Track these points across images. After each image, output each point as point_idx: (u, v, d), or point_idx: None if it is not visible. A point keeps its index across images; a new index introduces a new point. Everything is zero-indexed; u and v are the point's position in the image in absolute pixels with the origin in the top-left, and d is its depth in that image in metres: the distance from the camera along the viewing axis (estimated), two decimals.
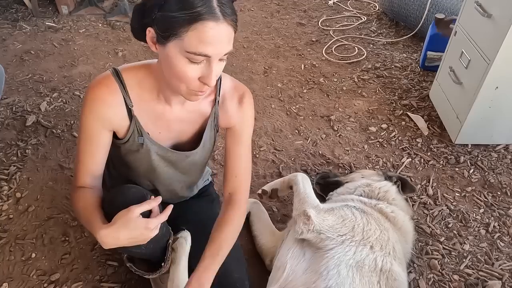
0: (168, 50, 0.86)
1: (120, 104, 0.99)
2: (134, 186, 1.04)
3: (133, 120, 1.02)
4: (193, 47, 0.82)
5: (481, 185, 1.78)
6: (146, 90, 1.01)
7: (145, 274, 1.12)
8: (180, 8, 0.80)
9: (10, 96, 2.26)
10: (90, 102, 0.97)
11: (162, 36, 0.85)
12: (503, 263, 1.47)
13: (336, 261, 1.12)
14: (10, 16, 3.17)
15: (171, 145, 1.13)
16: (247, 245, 1.51)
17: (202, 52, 0.83)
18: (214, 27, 0.81)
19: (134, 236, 0.90)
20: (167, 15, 0.82)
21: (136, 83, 1.00)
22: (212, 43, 0.83)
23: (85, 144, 1.02)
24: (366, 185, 1.49)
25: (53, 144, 1.94)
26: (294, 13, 3.38)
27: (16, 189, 1.70)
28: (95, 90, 0.97)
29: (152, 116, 1.04)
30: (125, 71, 1.00)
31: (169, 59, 0.86)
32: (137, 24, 0.90)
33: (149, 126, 1.05)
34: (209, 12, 0.80)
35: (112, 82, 0.97)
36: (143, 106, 1.02)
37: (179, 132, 1.11)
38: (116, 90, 0.98)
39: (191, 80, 0.88)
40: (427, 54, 2.50)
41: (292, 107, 2.26)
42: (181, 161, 1.14)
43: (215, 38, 0.83)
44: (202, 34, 0.81)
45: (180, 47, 0.84)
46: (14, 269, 1.41)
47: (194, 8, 0.79)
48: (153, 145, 1.07)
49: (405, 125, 2.13)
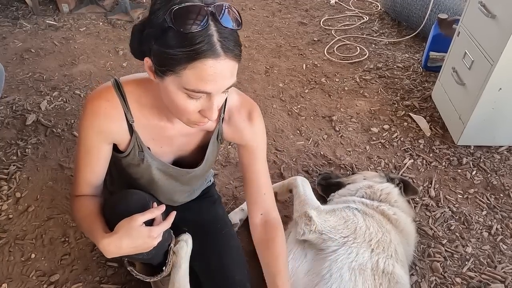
0: (166, 84, 0.81)
1: (121, 119, 0.95)
2: (136, 192, 1.03)
3: (133, 135, 0.99)
4: (192, 85, 0.77)
5: (484, 187, 1.77)
6: (146, 107, 0.97)
7: (146, 278, 1.11)
8: (178, 44, 0.74)
9: (10, 95, 2.25)
10: (90, 116, 0.93)
11: (159, 70, 0.80)
12: (506, 266, 1.46)
13: (339, 264, 1.12)
14: (10, 14, 3.16)
15: (172, 158, 1.11)
16: (248, 246, 1.49)
17: (201, 90, 0.78)
18: (214, 65, 0.75)
19: (137, 244, 0.89)
20: (164, 50, 0.76)
21: (137, 98, 0.96)
22: (213, 80, 0.77)
23: (84, 157, 0.99)
24: (368, 186, 1.49)
25: (53, 144, 1.93)
26: (296, 12, 3.37)
27: (15, 188, 1.69)
28: (96, 104, 0.93)
29: (153, 131, 1.01)
30: (127, 84, 0.95)
31: (168, 92, 0.82)
32: (136, 47, 0.85)
33: (150, 141, 1.03)
34: (208, 49, 0.74)
35: (114, 96, 0.93)
36: (144, 122, 0.99)
37: (181, 146, 1.09)
38: (118, 105, 0.94)
39: (191, 114, 0.84)
40: (430, 55, 2.49)
41: (294, 107, 2.25)
42: (183, 176, 1.13)
43: (216, 76, 0.77)
44: (201, 72, 0.75)
45: (178, 84, 0.79)
46: (14, 270, 1.40)
47: (192, 45, 0.73)
48: (154, 160, 1.05)
49: (407, 126, 2.12)
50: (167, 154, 1.09)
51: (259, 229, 1.14)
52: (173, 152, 1.10)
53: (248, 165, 1.12)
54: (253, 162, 1.11)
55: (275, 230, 1.13)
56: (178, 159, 1.13)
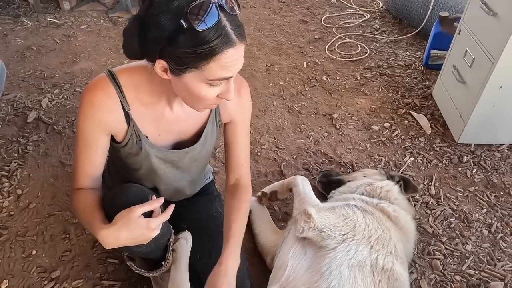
0: (185, 80, 0.84)
1: (118, 108, 0.96)
2: (135, 185, 1.03)
3: (130, 124, 1.00)
4: (216, 75, 0.82)
5: (484, 185, 1.77)
6: (145, 94, 0.98)
7: (145, 273, 1.12)
8: (198, 43, 0.77)
9: (12, 92, 2.26)
10: (86, 107, 0.94)
11: (177, 69, 0.82)
12: (505, 264, 1.46)
13: (338, 261, 1.12)
14: (12, 11, 3.16)
15: (171, 144, 1.12)
16: (247, 243, 1.50)
17: (225, 76, 0.84)
18: (233, 53, 0.81)
19: (135, 236, 0.89)
20: (184, 51, 0.78)
21: (133, 86, 0.97)
22: (233, 66, 0.83)
23: (83, 149, 1.00)
24: (368, 184, 1.49)
25: (54, 141, 1.94)
26: (297, 10, 3.36)
27: (17, 185, 1.70)
28: (91, 94, 0.94)
29: (150, 118, 1.02)
30: (121, 73, 0.96)
31: (187, 87, 0.86)
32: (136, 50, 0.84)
33: (148, 129, 1.03)
34: (227, 41, 0.78)
35: (108, 85, 0.94)
36: (141, 109, 1.00)
37: (180, 132, 1.10)
38: (113, 94, 0.94)
39: (211, 100, 0.89)
40: (431, 53, 2.48)
41: (294, 105, 2.25)
42: (182, 159, 1.13)
43: (236, 61, 0.83)
44: (223, 62, 0.80)
45: (200, 77, 0.83)
46: (15, 266, 1.40)
47: (212, 41, 0.77)
48: (152, 148, 1.06)
49: (408, 124, 2.11)
50: (165, 141, 1.09)
51: (232, 189, 1.22)
52: (171, 139, 1.11)
53: (232, 138, 1.18)
54: (237, 135, 1.17)
55: (245, 191, 1.21)
56: (177, 144, 1.13)
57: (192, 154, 1.13)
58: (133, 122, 1.00)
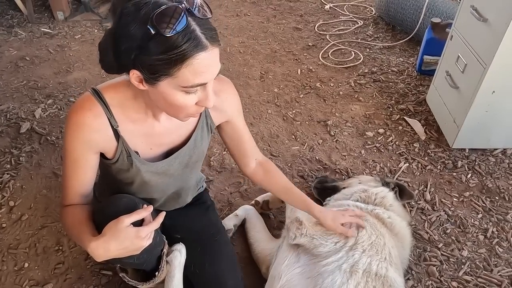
0: (160, 88, 0.83)
1: (106, 127, 0.95)
2: (125, 195, 1.02)
3: (120, 140, 0.98)
4: (189, 81, 0.81)
5: (479, 190, 1.77)
6: (131, 110, 0.97)
7: (139, 284, 1.10)
8: (167, 48, 0.76)
9: (5, 103, 2.25)
10: (74, 128, 0.92)
11: (151, 78, 0.81)
12: (502, 269, 1.46)
13: (330, 268, 1.11)
14: (5, 22, 3.16)
15: (163, 155, 1.11)
16: (242, 252, 1.49)
17: (198, 83, 0.82)
18: (205, 57, 0.79)
19: (125, 246, 0.88)
20: (154, 58, 0.77)
21: (118, 103, 0.95)
22: (207, 71, 0.82)
23: (71, 168, 0.98)
24: (362, 190, 1.48)
25: (48, 152, 1.93)
26: (291, 17, 3.38)
27: (9, 197, 1.69)
28: (79, 115, 0.92)
29: (140, 134, 1.01)
30: (105, 90, 0.95)
31: (163, 95, 0.84)
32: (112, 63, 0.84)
33: (138, 144, 1.02)
34: (197, 44, 0.77)
35: (95, 104, 0.92)
36: (130, 126, 0.99)
37: (170, 143, 1.09)
38: (100, 112, 0.93)
39: (190, 108, 0.88)
40: (424, 58, 2.50)
41: (289, 112, 2.25)
42: (172, 165, 1.11)
43: (209, 66, 0.81)
44: (195, 67, 0.79)
45: (174, 84, 0.82)
46: (7, 280, 1.39)
47: (181, 46, 0.76)
48: (143, 164, 1.05)
49: (402, 129, 2.12)
50: (157, 154, 1.08)
51: (258, 169, 1.30)
52: (163, 150, 1.09)
53: (233, 137, 1.21)
54: (237, 130, 1.19)
55: (270, 165, 1.31)
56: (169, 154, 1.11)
57: (181, 160, 1.12)
58: (122, 138, 0.98)
